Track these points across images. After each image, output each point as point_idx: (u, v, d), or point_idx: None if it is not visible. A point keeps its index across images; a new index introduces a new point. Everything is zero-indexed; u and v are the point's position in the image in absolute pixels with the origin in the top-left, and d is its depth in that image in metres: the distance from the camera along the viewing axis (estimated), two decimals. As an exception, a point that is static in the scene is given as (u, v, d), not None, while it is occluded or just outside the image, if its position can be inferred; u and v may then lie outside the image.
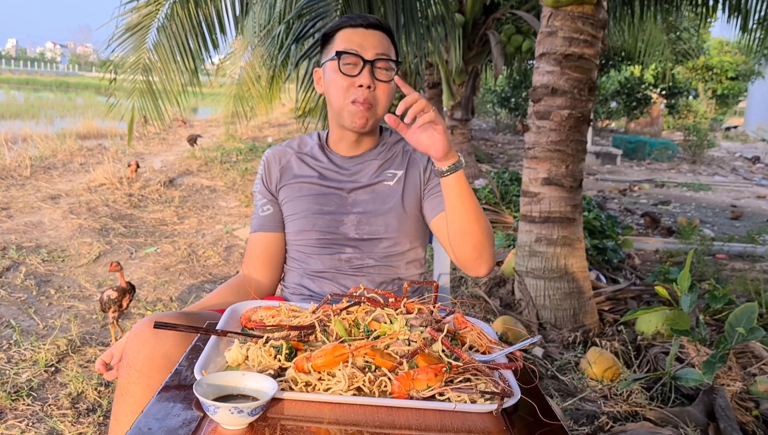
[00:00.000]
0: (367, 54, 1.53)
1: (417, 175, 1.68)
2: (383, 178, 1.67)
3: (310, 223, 1.65)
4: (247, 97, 8.97)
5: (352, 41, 1.55)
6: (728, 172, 13.37)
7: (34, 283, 3.96)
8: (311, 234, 1.66)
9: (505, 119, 20.51)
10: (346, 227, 1.64)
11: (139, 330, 1.34)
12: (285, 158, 1.73)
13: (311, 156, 1.71)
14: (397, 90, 1.57)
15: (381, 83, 1.55)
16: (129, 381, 1.31)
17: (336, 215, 1.65)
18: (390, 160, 1.69)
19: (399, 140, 1.73)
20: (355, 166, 1.68)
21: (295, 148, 1.74)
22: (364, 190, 1.66)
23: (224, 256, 4.83)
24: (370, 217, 1.64)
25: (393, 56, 1.59)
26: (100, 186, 7.08)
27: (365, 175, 1.67)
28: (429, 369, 1.07)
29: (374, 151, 1.69)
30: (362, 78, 1.52)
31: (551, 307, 3.52)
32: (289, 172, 1.71)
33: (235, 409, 0.94)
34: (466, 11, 7.52)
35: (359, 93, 1.53)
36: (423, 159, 1.69)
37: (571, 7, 3.33)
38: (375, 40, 1.55)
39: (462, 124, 8.43)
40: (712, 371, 2.41)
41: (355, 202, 1.66)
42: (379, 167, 1.68)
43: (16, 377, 2.75)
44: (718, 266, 5.13)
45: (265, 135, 14.92)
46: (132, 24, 5.11)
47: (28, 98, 23.70)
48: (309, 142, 1.75)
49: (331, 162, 1.69)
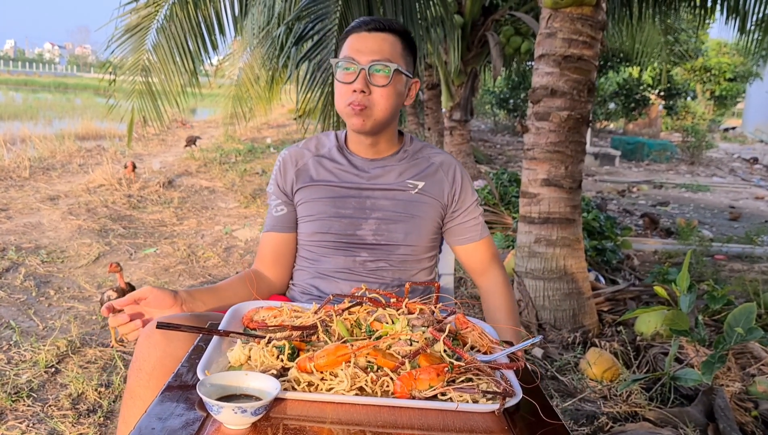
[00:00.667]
0: (363, 59, 1.55)
1: (440, 191, 1.70)
2: (404, 186, 1.67)
3: (326, 226, 1.66)
4: (246, 98, 8.97)
5: (352, 47, 1.58)
6: (726, 173, 13.39)
7: (33, 284, 3.96)
8: (326, 236, 1.66)
9: (504, 120, 20.53)
10: (364, 231, 1.65)
11: (149, 332, 1.33)
12: (302, 160, 1.72)
13: (329, 158, 1.71)
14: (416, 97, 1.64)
15: (377, 87, 1.56)
16: (139, 384, 1.31)
17: (354, 219, 1.65)
18: (412, 169, 1.69)
19: (421, 149, 1.74)
20: (375, 169, 1.68)
21: (313, 151, 1.73)
22: (384, 195, 1.66)
23: (223, 257, 4.83)
24: (389, 224, 1.65)
25: (397, 58, 1.58)
26: (99, 187, 7.08)
27: (386, 179, 1.67)
28: (431, 369, 1.07)
29: (395, 157, 1.70)
30: (356, 83, 1.55)
31: (551, 308, 3.52)
32: (305, 174, 1.70)
33: (239, 409, 0.95)
34: (465, 12, 7.53)
35: (354, 97, 1.55)
36: (448, 178, 1.71)
37: (570, 8, 3.34)
38: (375, 45, 1.57)
39: (461, 125, 8.44)
40: (711, 372, 2.42)
41: (374, 207, 1.66)
42: (400, 174, 1.68)
43: (16, 378, 2.75)
44: (717, 267, 5.14)
45: (264, 136, 14.92)
46: (131, 25, 5.11)
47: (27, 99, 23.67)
48: (327, 143, 1.74)
49: (350, 163, 1.69)
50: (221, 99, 9.70)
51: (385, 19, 1.62)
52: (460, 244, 1.76)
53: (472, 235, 1.74)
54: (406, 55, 1.62)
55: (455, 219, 1.73)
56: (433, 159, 1.72)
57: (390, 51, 1.58)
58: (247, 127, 13.00)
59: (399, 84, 1.59)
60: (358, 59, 1.56)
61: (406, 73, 1.60)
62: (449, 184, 1.70)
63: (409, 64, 1.65)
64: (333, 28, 3.82)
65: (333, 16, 3.87)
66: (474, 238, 1.75)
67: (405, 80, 1.62)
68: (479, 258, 1.77)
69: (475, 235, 1.75)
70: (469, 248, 1.76)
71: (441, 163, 1.71)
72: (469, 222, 1.74)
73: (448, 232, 1.75)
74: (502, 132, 19.39)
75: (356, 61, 1.55)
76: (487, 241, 1.77)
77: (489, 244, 1.78)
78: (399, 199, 1.66)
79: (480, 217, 1.76)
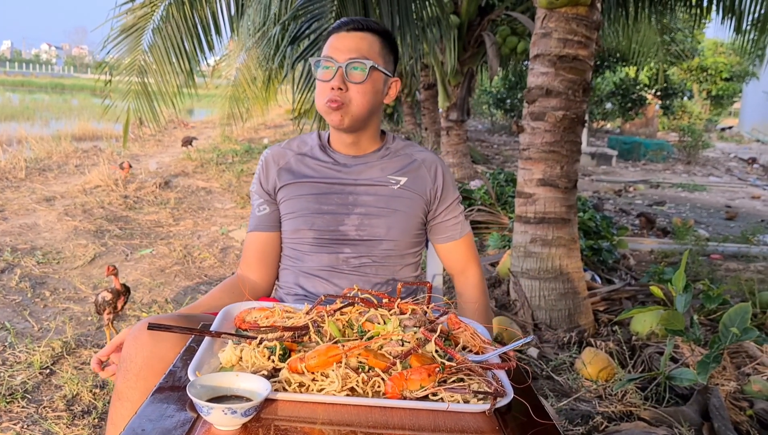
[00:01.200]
0: (341, 57, 1.58)
1: (423, 187, 1.71)
2: (387, 181, 1.68)
3: (308, 223, 1.66)
4: (243, 99, 8.96)
5: (332, 46, 1.61)
6: (723, 172, 13.42)
7: (29, 285, 3.95)
8: (308, 233, 1.67)
9: (501, 120, 20.55)
10: (347, 227, 1.66)
11: (136, 333, 1.34)
12: (284, 159, 1.73)
13: (311, 156, 1.72)
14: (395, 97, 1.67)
15: (353, 84, 1.58)
16: (127, 385, 1.31)
17: (336, 215, 1.66)
18: (394, 165, 1.71)
19: (404, 147, 1.75)
20: (357, 165, 1.69)
21: (295, 149, 1.74)
22: (366, 190, 1.67)
23: (220, 258, 4.83)
24: (372, 219, 1.66)
25: (374, 56, 1.60)
26: (96, 188, 7.07)
27: (368, 175, 1.69)
28: (422, 369, 1.07)
29: (377, 154, 1.71)
30: (333, 81, 1.57)
31: (546, 308, 3.52)
32: (288, 172, 1.71)
33: (229, 410, 0.94)
34: (461, 13, 7.53)
35: (331, 94, 1.58)
36: (431, 175, 1.72)
37: (566, 8, 3.34)
38: (352, 43, 1.59)
39: (457, 125, 8.45)
40: (706, 371, 2.42)
41: (356, 202, 1.67)
42: (382, 170, 1.69)
43: (10, 380, 2.75)
44: (713, 266, 5.15)
45: (261, 136, 14.91)
46: (127, 25, 5.10)
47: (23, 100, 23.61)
48: (309, 141, 1.76)
49: (332, 160, 1.70)
50: (218, 99, 9.69)
51: (365, 19, 1.64)
52: (440, 242, 1.78)
53: (452, 233, 1.77)
54: (385, 54, 1.64)
55: (437, 217, 1.75)
56: (416, 156, 1.74)
57: (367, 49, 1.60)
58: (244, 128, 13.00)
59: (377, 81, 1.61)
60: (336, 57, 1.58)
61: (383, 71, 1.62)
62: (431, 181, 1.72)
63: (389, 63, 1.66)
64: (329, 27, 3.82)
65: (329, 15, 3.87)
66: (454, 236, 1.77)
67: (384, 78, 1.64)
68: (457, 256, 1.80)
69: (455, 233, 1.77)
70: (449, 247, 1.78)
71: (423, 160, 1.73)
72: (450, 220, 1.76)
73: (431, 230, 1.78)
74: (499, 132, 19.40)
75: (334, 59, 1.58)
76: (466, 240, 1.80)
77: (468, 244, 1.80)
78: (381, 194, 1.67)
79: (461, 215, 1.78)
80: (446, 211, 1.75)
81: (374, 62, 1.59)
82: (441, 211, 1.74)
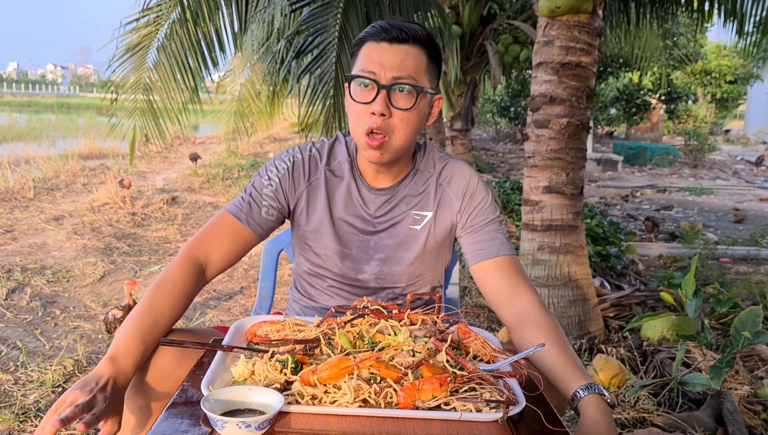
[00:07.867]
0: (383, 76, 1.37)
1: (448, 217, 1.54)
2: (410, 220, 1.53)
3: (330, 263, 1.55)
4: (248, 114, 9.02)
5: (372, 60, 1.39)
6: (730, 175, 13.37)
7: (39, 304, 3.97)
8: (328, 273, 1.56)
9: (505, 128, 20.56)
10: (366, 275, 1.54)
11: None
12: (315, 174, 1.54)
13: (340, 176, 1.54)
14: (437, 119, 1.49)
15: (398, 111, 1.39)
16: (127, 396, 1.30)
17: (356, 262, 1.54)
18: (419, 197, 1.54)
19: (433, 163, 1.57)
20: (383, 202, 1.53)
21: (325, 163, 1.55)
22: (387, 234, 1.54)
23: (228, 272, 4.84)
24: (392, 266, 1.54)
25: (421, 76, 1.41)
26: (103, 205, 7.11)
27: (391, 215, 1.54)
28: (434, 379, 1.07)
29: (404, 183, 1.54)
30: (375, 105, 1.37)
31: (556, 315, 3.51)
32: (315, 193, 1.54)
33: (243, 424, 0.95)
34: (463, 22, 7.56)
35: (372, 120, 1.38)
36: (458, 196, 1.54)
37: (567, 16, 3.35)
38: (397, 59, 1.38)
39: (462, 134, 8.46)
40: (719, 376, 2.40)
41: (377, 247, 1.54)
42: (407, 204, 1.54)
43: (23, 399, 2.76)
44: (722, 270, 5.12)
45: (266, 150, 14.98)
46: (132, 44, 5.15)
47: (30, 120, 23.82)
48: (339, 155, 1.56)
49: (358, 191, 1.54)
50: (223, 115, 9.75)
51: (409, 26, 1.41)
52: (473, 262, 1.51)
53: (485, 252, 1.49)
54: (431, 70, 1.44)
55: (469, 234, 1.53)
56: (444, 176, 1.55)
57: (414, 67, 1.40)
58: (249, 142, 13.06)
59: (423, 106, 1.43)
60: (378, 75, 1.38)
61: (430, 92, 1.43)
62: (458, 200, 1.53)
63: (434, 78, 1.46)
64: (333, 41, 3.85)
65: (332, 29, 3.89)
66: (488, 255, 1.49)
67: (429, 99, 1.45)
68: (498, 282, 1.47)
69: (489, 252, 1.49)
70: (484, 268, 1.48)
71: (450, 178, 1.55)
72: (482, 240, 1.51)
73: (465, 253, 1.54)
74: (503, 140, 19.41)
75: (376, 77, 1.38)
76: (507, 260, 1.48)
77: (511, 265, 1.48)
78: (402, 237, 1.53)
79: (497, 233, 1.52)
80: (475, 232, 1.52)
81: (422, 85, 1.40)
82: (473, 228, 1.52)
